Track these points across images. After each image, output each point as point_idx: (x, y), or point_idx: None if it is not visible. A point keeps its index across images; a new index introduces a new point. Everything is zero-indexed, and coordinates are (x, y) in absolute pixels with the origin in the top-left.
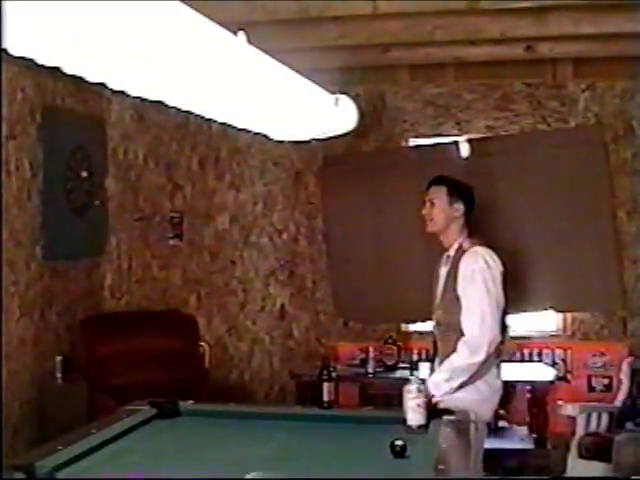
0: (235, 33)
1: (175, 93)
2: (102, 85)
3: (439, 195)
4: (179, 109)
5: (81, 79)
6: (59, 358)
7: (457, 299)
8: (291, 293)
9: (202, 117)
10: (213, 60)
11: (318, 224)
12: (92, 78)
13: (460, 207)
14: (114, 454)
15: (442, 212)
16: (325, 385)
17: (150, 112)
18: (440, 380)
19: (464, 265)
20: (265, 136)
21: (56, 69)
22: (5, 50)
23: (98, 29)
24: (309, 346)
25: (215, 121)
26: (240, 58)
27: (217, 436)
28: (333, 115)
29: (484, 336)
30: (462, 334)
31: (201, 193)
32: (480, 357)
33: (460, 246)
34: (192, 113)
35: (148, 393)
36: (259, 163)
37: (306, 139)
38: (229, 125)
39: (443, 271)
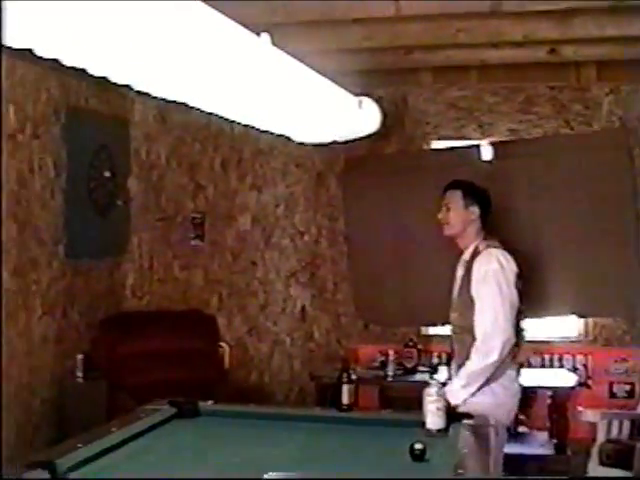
0: (258, 35)
1: (198, 94)
2: (126, 86)
3: (454, 199)
4: (202, 110)
5: (105, 80)
6: (80, 356)
7: (471, 301)
8: (312, 295)
9: (225, 118)
10: (236, 61)
11: (339, 226)
12: (116, 79)
13: (475, 210)
14: (133, 453)
15: (458, 216)
16: (345, 387)
17: (173, 113)
18: (457, 387)
19: (477, 266)
20: (287, 138)
21: (81, 70)
22: (30, 50)
23: (122, 30)
24: (329, 348)
25: (238, 123)
26: (264, 60)
27: (236, 436)
28: (356, 117)
29: (497, 337)
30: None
31: (223, 194)
32: (493, 358)
33: (476, 248)
34: (215, 114)
35: (168, 392)
36: (281, 165)
37: (328, 141)
38: (252, 127)
39: (459, 274)
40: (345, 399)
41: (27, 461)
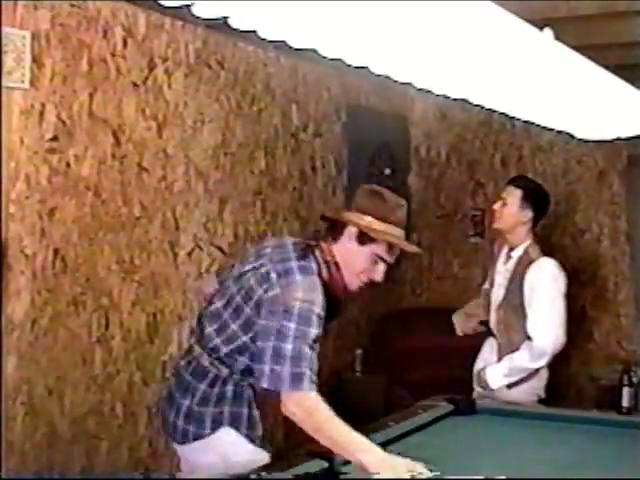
0: (541, 30)
1: (480, 91)
2: (407, 84)
3: (512, 197)
4: (482, 107)
5: (386, 78)
6: (359, 351)
7: (521, 304)
8: (593, 295)
9: (505, 115)
10: (519, 57)
11: (621, 224)
12: (398, 77)
13: (529, 214)
14: (409, 448)
15: (510, 215)
16: (625, 390)
17: (453, 110)
18: (499, 375)
19: (531, 276)
20: (569, 134)
21: (362, 68)
22: (316, 51)
23: (404, 29)
24: (609, 349)
25: (518, 119)
26: (547, 55)
27: (511, 436)
28: None
29: (550, 345)
30: (524, 335)
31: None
32: (541, 363)
33: (526, 252)
34: (495, 111)
35: (445, 389)
36: (562, 162)
37: (611, 138)
38: (532, 123)
39: (504, 268)
40: (625, 402)
41: (307, 450)
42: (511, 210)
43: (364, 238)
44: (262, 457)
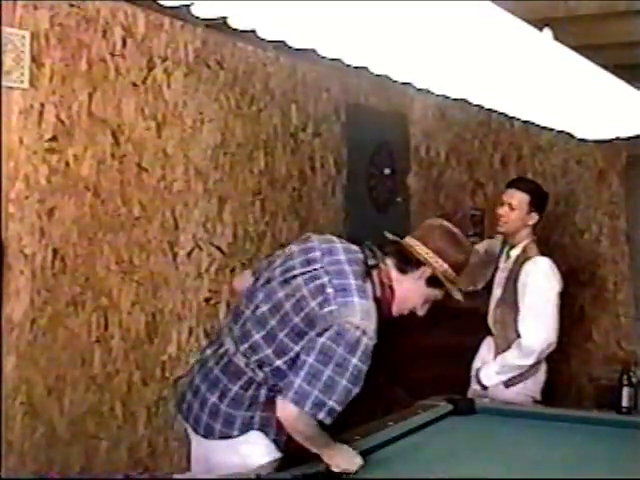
0: (540, 30)
1: (479, 91)
2: (406, 83)
3: (521, 202)
4: (482, 107)
5: (385, 78)
6: None
7: (515, 302)
8: (592, 294)
9: (504, 115)
10: (518, 57)
11: (621, 224)
12: (397, 77)
13: (535, 217)
14: (408, 448)
15: (519, 219)
16: (625, 390)
17: (452, 110)
18: (492, 373)
19: (525, 273)
20: (568, 134)
21: (361, 68)
22: (315, 51)
23: (403, 29)
24: (608, 349)
25: (518, 119)
26: (546, 55)
27: (510, 436)
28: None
29: (538, 343)
30: (518, 334)
31: (502, 191)
32: (530, 361)
33: (524, 250)
34: (494, 111)
35: (444, 389)
36: (561, 161)
37: (611, 137)
38: (532, 123)
39: (503, 266)
40: (625, 402)
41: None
42: (519, 215)
43: (434, 282)
44: None
